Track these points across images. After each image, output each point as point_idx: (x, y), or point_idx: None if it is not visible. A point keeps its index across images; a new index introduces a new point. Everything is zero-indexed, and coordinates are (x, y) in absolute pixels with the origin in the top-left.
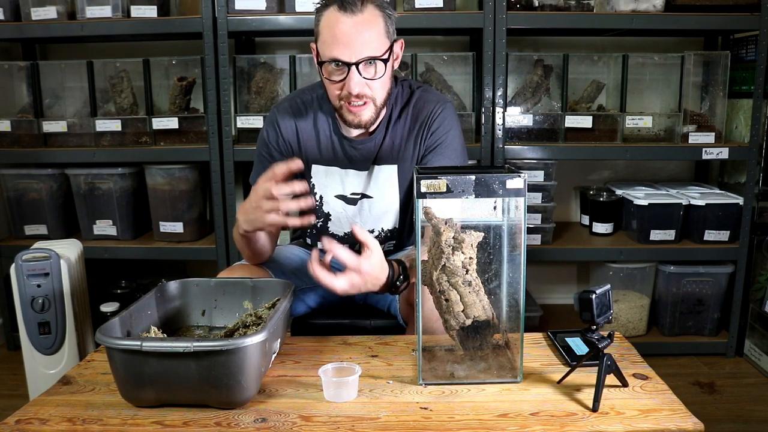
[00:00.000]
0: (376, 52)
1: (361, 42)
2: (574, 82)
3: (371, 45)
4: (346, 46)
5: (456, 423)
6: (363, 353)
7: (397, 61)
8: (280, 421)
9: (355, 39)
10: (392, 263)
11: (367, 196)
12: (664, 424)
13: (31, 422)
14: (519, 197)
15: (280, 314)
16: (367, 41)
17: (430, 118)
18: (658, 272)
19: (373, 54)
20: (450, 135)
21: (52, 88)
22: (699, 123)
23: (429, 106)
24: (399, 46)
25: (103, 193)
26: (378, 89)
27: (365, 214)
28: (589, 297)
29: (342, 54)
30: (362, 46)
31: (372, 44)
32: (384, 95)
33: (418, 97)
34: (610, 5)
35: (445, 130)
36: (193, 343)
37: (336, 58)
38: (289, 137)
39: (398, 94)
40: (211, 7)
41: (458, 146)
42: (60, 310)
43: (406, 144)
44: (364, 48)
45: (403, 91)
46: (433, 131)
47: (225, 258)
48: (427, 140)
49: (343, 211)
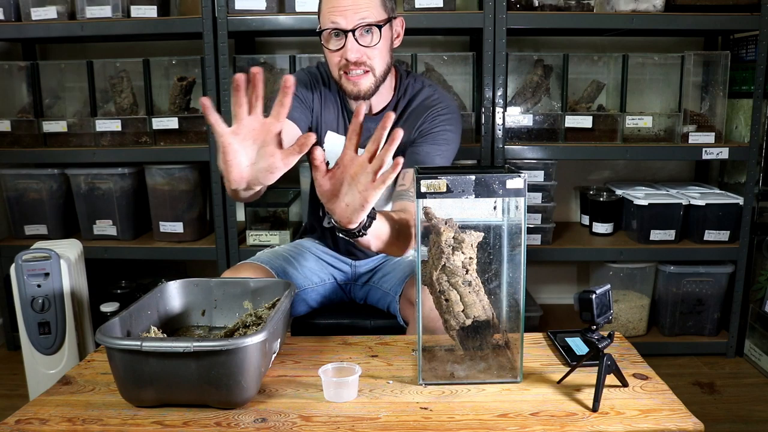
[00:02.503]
0: (372, 18)
1: (357, 8)
2: (574, 82)
3: (368, 11)
4: (342, 13)
5: (456, 423)
6: (363, 353)
7: (398, 39)
8: (280, 421)
9: (351, 5)
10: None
11: None
12: (664, 424)
13: (31, 422)
14: (519, 197)
15: (280, 314)
16: (364, 7)
17: (430, 111)
18: (658, 272)
19: (369, 20)
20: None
21: (52, 88)
22: (699, 123)
23: (433, 103)
24: (399, 24)
25: (103, 193)
26: (376, 57)
27: None
28: (589, 297)
29: (339, 20)
30: (358, 12)
31: (369, 11)
32: (383, 66)
33: (428, 94)
34: (610, 5)
35: (442, 128)
36: (193, 343)
37: (333, 23)
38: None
39: (408, 85)
40: (211, 7)
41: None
42: (60, 310)
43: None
44: (360, 14)
45: (416, 84)
46: (431, 121)
47: (225, 258)
48: (419, 128)
49: None
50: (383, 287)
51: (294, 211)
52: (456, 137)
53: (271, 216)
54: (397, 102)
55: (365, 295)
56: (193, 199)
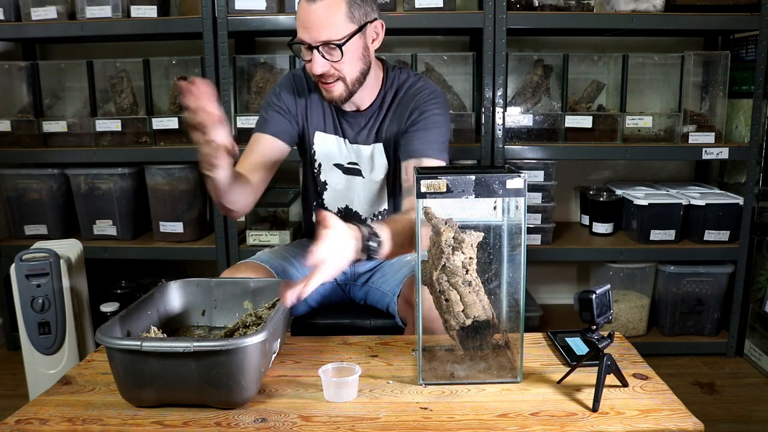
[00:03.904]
0: (333, 36)
1: (318, 27)
2: (574, 82)
3: (329, 30)
4: (306, 30)
5: (456, 423)
6: (363, 353)
7: (377, 41)
8: (280, 421)
9: (312, 24)
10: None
11: (360, 173)
12: (664, 424)
13: (31, 422)
14: (519, 197)
15: (280, 314)
16: (324, 26)
17: (416, 99)
18: (658, 272)
19: (330, 38)
20: (433, 116)
21: (52, 88)
22: (699, 123)
23: (419, 91)
24: (375, 27)
25: (103, 193)
26: (345, 67)
27: (357, 193)
28: (589, 297)
29: (304, 36)
30: (319, 31)
31: (330, 29)
32: (355, 73)
33: (412, 83)
34: (610, 5)
35: (430, 112)
36: (193, 343)
37: (300, 38)
38: (298, 101)
39: (394, 77)
40: (211, 7)
41: (440, 124)
42: (60, 310)
43: (390, 122)
44: (321, 32)
45: (401, 74)
46: (418, 111)
47: (225, 258)
48: (409, 119)
49: (338, 181)
50: (382, 288)
51: (294, 211)
52: (445, 120)
53: (271, 216)
54: (384, 95)
55: (365, 295)
56: (193, 199)
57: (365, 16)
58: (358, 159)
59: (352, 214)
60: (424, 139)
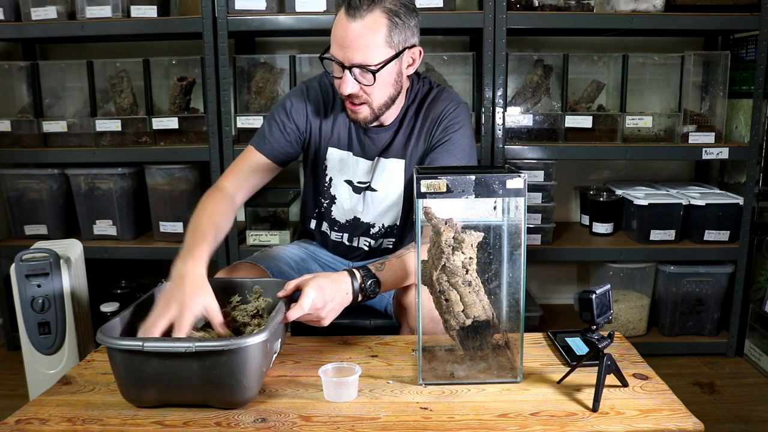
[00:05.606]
0: (369, 61)
1: (354, 48)
2: (574, 82)
3: (365, 53)
4: (341, 49)
5: (456, 423)
6: (363, 353)
7: (412, 66)
8: (280, 421)
9: (349, 43)
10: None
11: (372, 188)
12: (664, 424)
13: (31, 422)
14: (519, 197)
15: (281, 314)
16: (361, 48)
17: (441, 116)
18: (658, 272)
19: (364, 62)
20: (458, 134)
21: (52, 88)
22: (699, 123)
23: (443, 104)
24: (414, 53)
25: (103, 193)
26: (374, 94)
27: (368, 206)
28: (589, 297)
29: (338, 54)
30: (354, 52)
31: (366, 52)
32: (383, 99)
33: (435, 95)
34: (610, 5)
35: (454, 128)
36: (195, 344)
37: (334, 54)
38: (311, 116)
39: (418, 90)
40: (211, 7)
41: (465, 146)
42: (60, 310)
43: (416, 140)
44: (356, 54)
45: (423, 87)
46: (443, 128)
47: (225, 258)
48: (435, 136)
49: (348, 198)
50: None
51: (294, 211)
52: (468, 133)
53: (271, 216)
54: (407, 109)
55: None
56: (193, 199)
57: (404, 42)
58: (374, 174)
59: (360, 224)
60: (452, 155)
